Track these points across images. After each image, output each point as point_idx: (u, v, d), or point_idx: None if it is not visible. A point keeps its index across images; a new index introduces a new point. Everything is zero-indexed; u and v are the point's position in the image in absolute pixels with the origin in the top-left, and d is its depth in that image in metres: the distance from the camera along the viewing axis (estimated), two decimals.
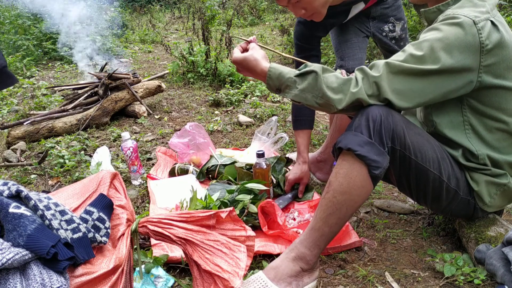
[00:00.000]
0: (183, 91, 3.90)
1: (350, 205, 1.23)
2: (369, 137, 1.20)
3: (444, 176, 1.31)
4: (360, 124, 1.21)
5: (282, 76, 1.29)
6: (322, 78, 1.24)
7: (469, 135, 1.33)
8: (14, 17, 6.04)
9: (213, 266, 1.09)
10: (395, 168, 1.30)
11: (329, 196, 1.24)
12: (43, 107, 3.41)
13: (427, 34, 1.24)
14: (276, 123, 2.33)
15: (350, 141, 1.20)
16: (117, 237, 1.08)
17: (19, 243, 0.89)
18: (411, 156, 1.26)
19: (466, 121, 1.32)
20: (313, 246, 1.26)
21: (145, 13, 10.20)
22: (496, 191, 1.35)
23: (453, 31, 1.19)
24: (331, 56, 4.55)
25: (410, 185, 1.35)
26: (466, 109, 1.31)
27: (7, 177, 2.30)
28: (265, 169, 1.81)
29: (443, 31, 1.20)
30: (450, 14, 1.24)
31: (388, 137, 1.22)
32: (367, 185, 1.22)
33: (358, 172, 1.20)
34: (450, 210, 1.41)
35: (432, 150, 1.30)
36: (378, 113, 1.21)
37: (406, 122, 1.27)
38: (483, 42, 1.18)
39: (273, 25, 7.46)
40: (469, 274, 1.32)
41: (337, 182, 1.23)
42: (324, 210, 1.24)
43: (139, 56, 5.91)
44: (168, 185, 2.00)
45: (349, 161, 1.21)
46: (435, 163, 1.30)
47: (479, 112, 1.30)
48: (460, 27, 1.18)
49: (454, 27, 1.19)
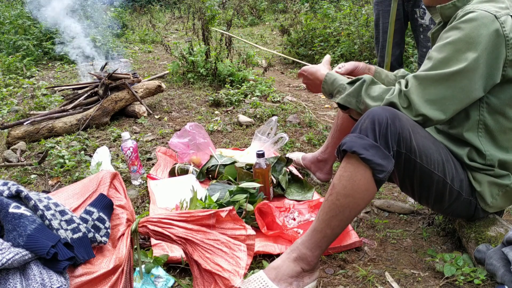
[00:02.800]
0: (183, 91, 3.89)
1: (353, 208, 1.22)
2: (374, 140, 1.18)
3: (448, 178, 1.30)
4: (366, 127, 1.20)
5: (336, 82, 1.42)
6: (367, 86, 1.31)
7: (480, 135, 1.32)
8: (14, 17, 6.04)
9: (214, 265, 1.09)
10: (399, 170, 1.29)
11: (332, 199, 1.23)
12: (43, 107, 3.41)
13: (448, 35, 1.23)
14: (276, 123, 2.33)
15: (355, 144, 1.18)
16: (117, 237, 1.08)
17: (19, 243, 0.89)
18: (416, 159, 1.25)
19: (481, 121, 1.31)
20: (315, 247, 1.26)
21: (145, 13, 10.19)
22: (499, 191, 1.35)
23: (475, 27, 1.17)
24: (331, 56, 4.54)
25: (413, 186, 1.34)
26: (483, 108, 1.30)
27: (7, 177, 2.30)
28: (265, 169, 1.81)
29: (465, 29, 1.19)
30: (470, 9, 1.22)
31: (394, 141, 1.21)
32: (370, 189, 1.21)
33: (362, 176, 1.19)
34: (452, 211, 1.41)
35: (437, 153, 1.29)
36: (385, 116, 1.19)
37: (412, 125, 1.25)
38: (508, 35, 1.17)
39: (273, 25, 7.45)
40: (469, 274, 1.32)
41: (340, 185, 1.22)
42: (327, 212, 1.24)
43: (139, 56, 5.90)
44: (168, 185, 2.00)
45: (353, 164, 1.20)
46: (440, 165, 1.29)
47: (496, 110, 1.29)
48: (481, 22, 1.17)
49: (474, 24, 1.17)
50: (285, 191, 1.94)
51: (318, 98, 3.68)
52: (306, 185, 1.98)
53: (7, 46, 5.68)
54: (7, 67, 4.93)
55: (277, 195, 1.92)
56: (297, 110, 3.20)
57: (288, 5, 7.12)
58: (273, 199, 1.90)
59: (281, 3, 8.74)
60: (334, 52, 4.56)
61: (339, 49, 4.51)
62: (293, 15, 5.84)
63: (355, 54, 4.37)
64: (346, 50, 4.43)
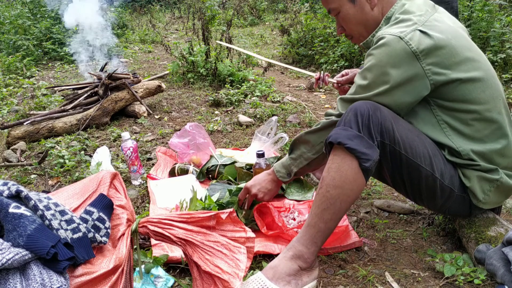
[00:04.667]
0: (183, 91, 3.89)
1: (343, 199, 1.24)
2: (358, 131, 1.23)
3: (437, 173, 1.31)
4: (349, 119, 1.25)
5: (282, 163, 1.59)
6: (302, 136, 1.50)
7: (448, 133, 1.34)
8: (14, 17, 6.04)
9: (213, 267, 1.09)
10: (387, 164, 1.31)
11: (323, 191, 1.25)
12: (43, 107, 3.41)
13: (365, 62, 1.33)
14: (276, 123, 2.33)
15: (340, 135, 1.22)
16: (117, 237, 1.08)
17: (19, 243, 0.89)
18: (401, 151, 1.28)
19: (440, 120, 1.34)
20: (310, 243, 1.26)
21: (145, 13, 10.20)
22: (490, 187, 1.35)
23: (384, 52, 1.26)
24: (331, 56, 4.55)
25: (404, 183, 1.36)
26: (435, 109, 1.34)
27: (7, 177, 2.30)
28: (265, 169, 1.81)
29: (376, 55, 1.29)
30: (378, 35, 1.32)
31: (377, 131, 1.24)
32: (359, 179, 1.23)
33: (349, 166, 1.22)
34: (447, 208, 1.41)
35: (423, 146, 1.31)
36: (366, 108, 1.25)
37: (395, 118, 1.29)
38: (416, 50, 1.24)
39: (273, 25, 7.46)
40: (469, 274, 1.32)
41: (329, 177, 1.24)
42: (319, 205, 1.25)
43: (139, 56, 5.91)
44: (168, 185, 2.00)
45: (340, 155, 1.23)
46: (426, 159, 1.30)
47: (448, 109, 1.32)
48: (388, 46, 1.26)
49: (383, 48, 1.27)
50: (285, 191, 1.93)
51: (318, 98, 3.68)
52: (306, 185, 1.98)
53: (7, 46, 5.68)
54: (7, 67, 4.94)
55: (277, 195, 1.92)
56: (297, 110, 3.20)
57: (288, 5, 7.12)
58: (273, 199, 1.90)
59: (281, 3, 8.75)
60: (334, 52, 4.56)
61: (339, 49, 4.51)
62: (293, 15, 5.85)
63: (355, 54, 4.37)
64: (346, 50, 4.43)
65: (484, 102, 1.31)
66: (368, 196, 1.96)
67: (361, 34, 1.48)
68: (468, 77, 1.28)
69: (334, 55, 4.51)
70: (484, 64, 1.35)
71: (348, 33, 1.51)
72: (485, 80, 1.32)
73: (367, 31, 1.45)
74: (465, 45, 1.32)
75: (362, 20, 1.43)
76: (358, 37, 1.50)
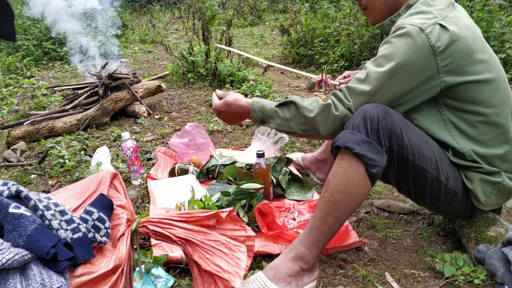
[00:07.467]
0: (183, 91, 3.89)
1: (348, 204, 1.23)
2: (366, 136, 1.20)
3: (442, 176, 1.31)
4: (358, 123, 1.22)
5: (264, 107, 1.39)
6: (302, 106, 1.33)
7: (452, 133, 1.33)
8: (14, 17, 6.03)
9: (213, 266, 1.09)
10: (393, 168, 1.30)
11: (327, 195, 1.24)
12: (43, 107, 3.41)
13: (381, 49, 1.29)
14: None
15: (348, 139, 1.20)
16: (117, 237, 1.08)
17: (19, 243, 0.89)
18: (409, 156, 1.27)
19: (446, 120, 1.34)
20: (312, 245, 1.26)
21: (145, 13, 10.19)
22: (492, 190, 1.35)
23: (403, 41, 1.24)
24: (331, 56, 4.55)
25: (408, 186, 1.35)
26: (443, 108, 1.33)
27: (7, 177, 2.30)
28: (265, 169, 1.81)
29: (394, 43, 1.26)
30: (398, 24, 1.28)
31: (386, 137, 1.22)
32: (365, 184, 1.22)
33: (355, 171, 1.20)
34: (449, 210, 1.41)
35: (430, 151, 1.30)
36: (376, 112, 1.22)
37: (404, 122, 1.27)
38: (434, 45, 1.22)
39: (273, 25, 7.45)
40: (469, 274, 1.32)
41: (335, 181, 1.23)
42: (323, 209, 1.25)
43: (139, 56, 5.90)
44: (168, 185, 2.00)
45: (347, 160, 1.21)
46: (433, 163, 1.30)
47: (456, 109, 1.32)
48: (408, 36, 1.23)
49: (403, 38, 1.24)
50: (285, 191, 1.94)
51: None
52: (306, 185, 1.98)
53: (7, 46, 5.68)
54: (7, 67, 4.93)
55: (277, 195, 1.92)
56: None
57: (288, 5, 7.11)
58: (273, 199, 1.90)
59: (281, 3, 8.74)
60: (334, 52, 4.56)
61: (339, 49, 4.51)
62: (293, 15, 5.84)
63: (355, 54, 4.37)
64: (346, 50, 4.42)
65: (492, 105, 1.30)
66: (368, 196, 1.96)
67: (376, 9, 1.42)
68: (479, 79, 1.27)
69: (334, 55, 4.51)
70: (497, 67, 1.34)
71: (364, 3, 1.44)
72: (496, 83, 1.31)
73: (384, 10, 1.40)
74: (480, 46, 1.30)
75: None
76: (372, 11, 1.43)
